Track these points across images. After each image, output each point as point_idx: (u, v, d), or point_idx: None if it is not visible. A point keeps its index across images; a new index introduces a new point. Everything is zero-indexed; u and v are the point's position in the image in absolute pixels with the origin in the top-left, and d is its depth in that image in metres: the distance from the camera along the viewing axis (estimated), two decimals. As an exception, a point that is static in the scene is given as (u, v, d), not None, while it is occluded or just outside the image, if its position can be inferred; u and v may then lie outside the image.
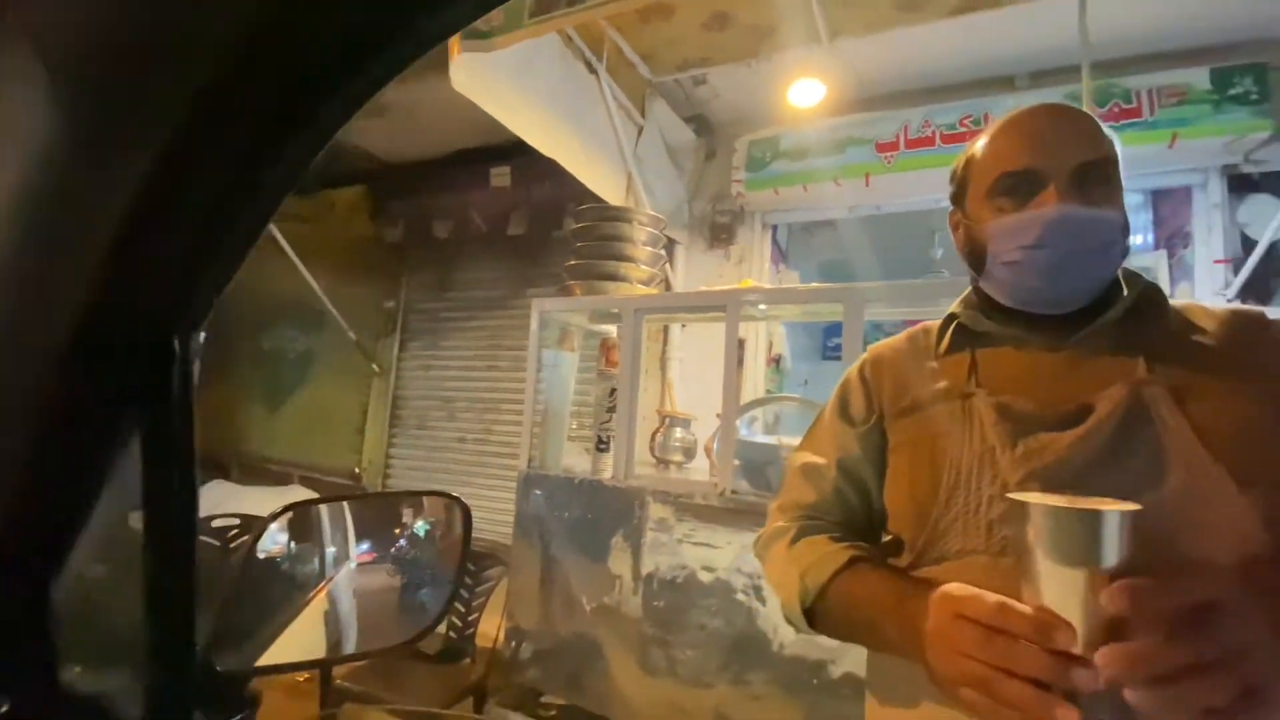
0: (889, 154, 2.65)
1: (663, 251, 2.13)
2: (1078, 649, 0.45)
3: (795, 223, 3.37)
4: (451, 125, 3.31)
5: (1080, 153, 0.68)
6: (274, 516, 0.61)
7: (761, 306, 1.81)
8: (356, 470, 4.03)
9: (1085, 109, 0.79)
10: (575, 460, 2.09)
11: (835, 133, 2.76)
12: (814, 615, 0.73)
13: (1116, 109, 2.31)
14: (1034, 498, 0.50)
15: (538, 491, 1.91)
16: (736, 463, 1.74)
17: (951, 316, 0.78)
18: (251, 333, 4.53)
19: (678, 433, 2.15)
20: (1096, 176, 0.68)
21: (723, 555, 1.65)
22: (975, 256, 0.76)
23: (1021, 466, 0.63)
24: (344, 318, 3.78)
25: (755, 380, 3.16)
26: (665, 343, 3.30)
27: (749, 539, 1.68)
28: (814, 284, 1.83)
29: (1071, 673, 0.45)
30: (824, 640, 1.48)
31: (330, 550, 0.69)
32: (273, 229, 3.16)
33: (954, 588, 0.54)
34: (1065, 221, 0.67)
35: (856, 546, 0.73)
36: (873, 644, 0.71)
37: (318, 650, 0.63)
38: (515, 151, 2.31)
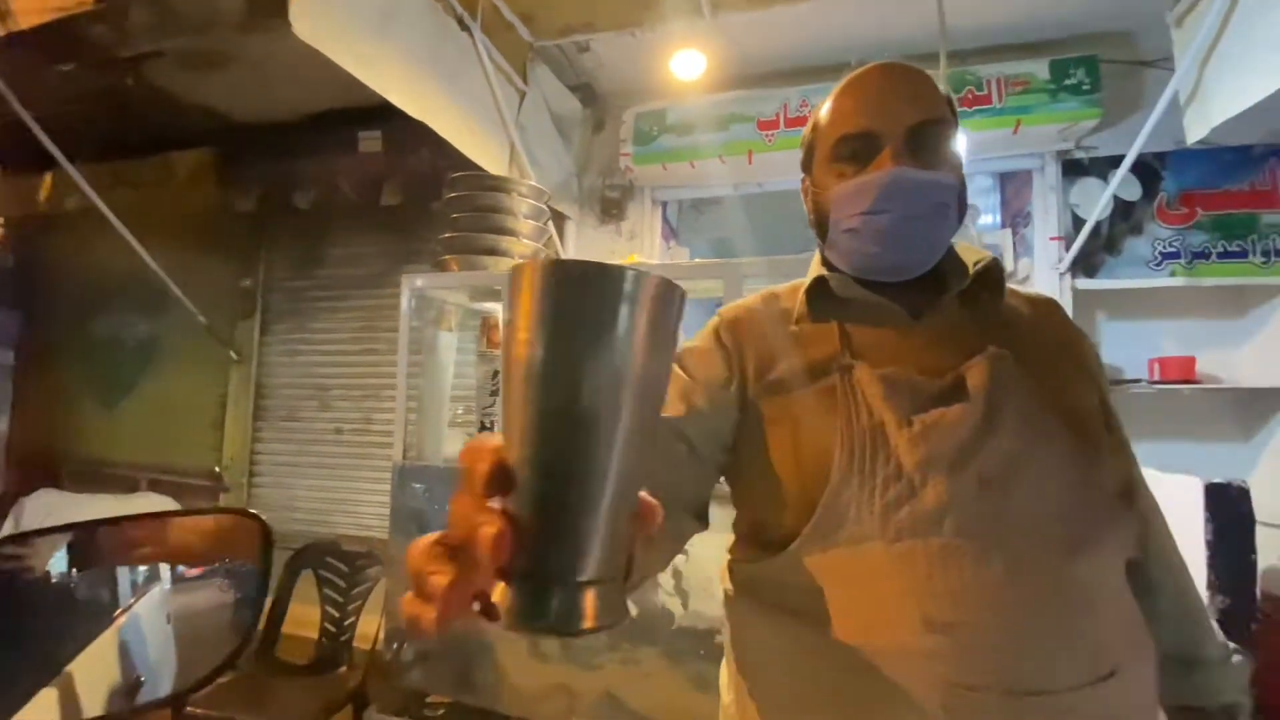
0: (770, 132, 2.69)
1: (548, 225, 2.04)
2: None
3: (685, 199, 3.37)
4: (310, 83, 2.97)
5: (914, 113, 0.67)
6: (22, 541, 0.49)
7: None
8: (217, 469, 3.62)
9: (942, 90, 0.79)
10: (458, 447, 1.98)
11: (719, 109, 2.77)
12: None
13: (970, 95, 2.48)
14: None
15: (416, 484, 1.79)
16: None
17: (821, 280, 0.73)
18: (79, 319, 3.91)
19: (571, 413, 2.09)
20: (930, 137, 0.67)
21: (612, 537, 1.63)
22: (821, 224, 0.75)
23: (920, 444, 0.60)
24: (191, 299, 3.34)
25: (648, 357, 3.16)
26: (556, 322, 3.21)
27: (638, 518, 1.67)
28: (687, 260, 1.82)
29: None
30: (710, 611, 1.50)
31: (116, 580, 0.57)
32: (92, 194, 2.71)
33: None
34: (899, 184, 0.66)
35: None
36: None
37: (95, 706, 0.51)
38: (386, 115, 2.10)
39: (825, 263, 0.77)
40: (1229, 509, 1.65)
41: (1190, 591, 0.73)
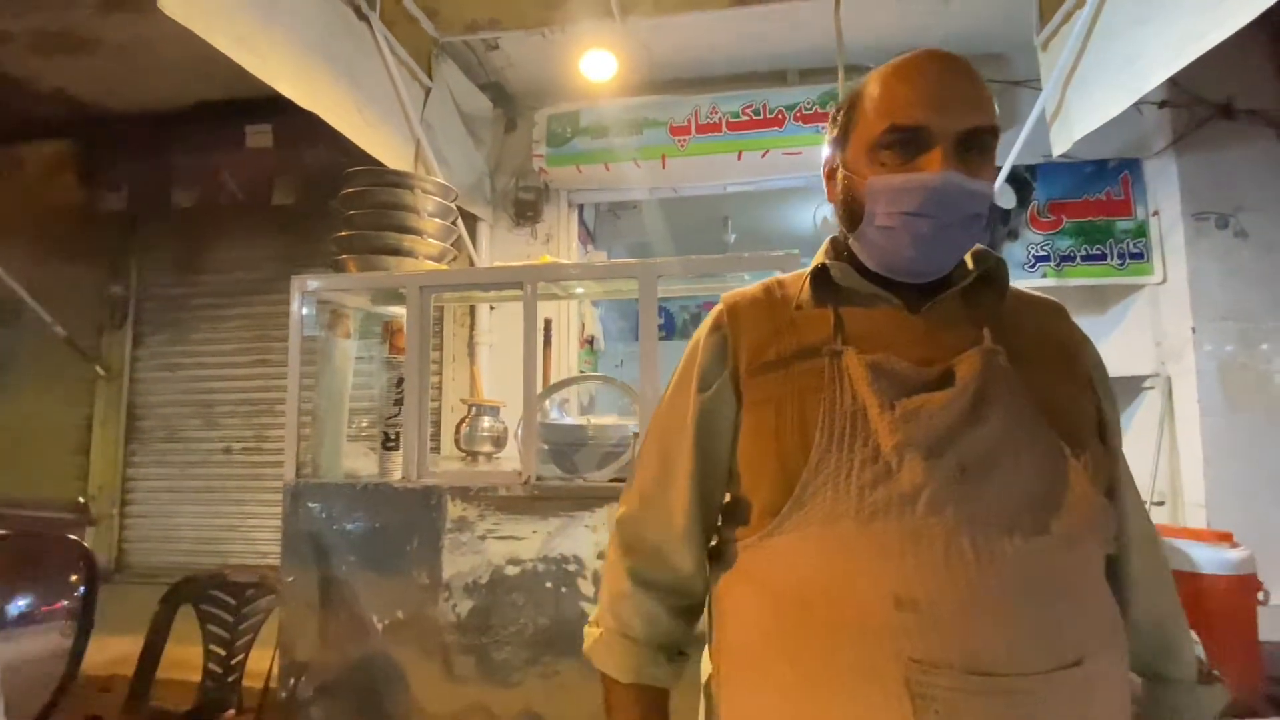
0: (682, 138, 2.73)
1: (456, 225, 1.95)
2: None
3: (602, 203, 3.36)
4: (189, 70, 2.72)
5: (970, 116, 0.65)
6: None
7: (563, 283, 1.74)
8: (82, 499, 3.22)
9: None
10: (360, 463, 1.84)
11: (633, 113, 2.78)
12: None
13: (868, 107, 2.62)
14: None
15: (312, 504, 1.65)
16: (545, 446, 1.66)
17: (822, 268, 0.74)
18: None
19: (486, 422, 2.00)
20: (979, 144, 0.66)
21: (528, 545, 1.57)
22: (851, 212, 0.71)
23: (900, 428, 0.61)
24: (48, 308, 2.96)
25: (568, 362, 3.11)
26: (473, 326, 3.10)
27: (555, 525, 1.61)
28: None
29: None
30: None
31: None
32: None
33: None
34: (947, 190, 0.64)
35: (655, 663, 0.77)
36: None
37: None
38: (278, 107, 1.93)
39: (833, 250, 0.77)
40: (1098, 486, 1.82)
41: (1173, 613, 0.73)
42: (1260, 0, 1.36)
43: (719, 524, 0.79)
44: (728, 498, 0.77)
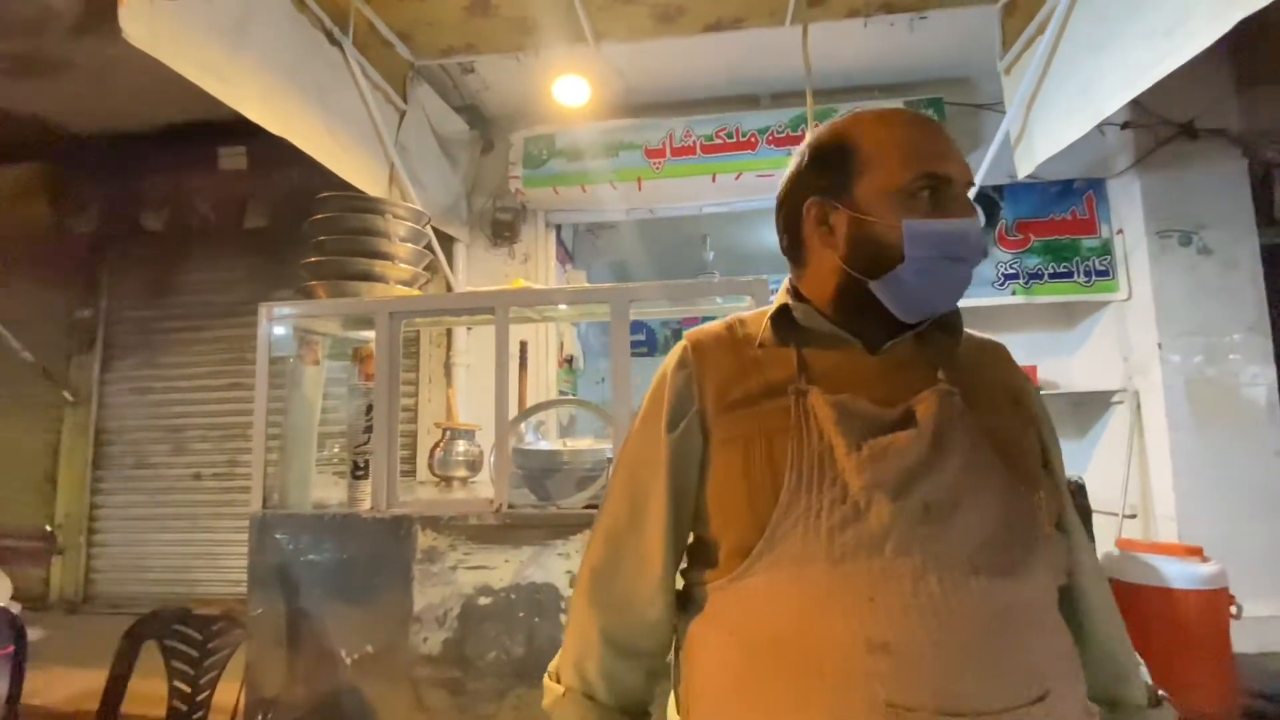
0: (657, 160, 2.76)
1: (428, 250, 1.94)
2: None
3: (580, 223, 3.37)
4: (161, 93, 2.70)
5: (967, 171, 0.70)
6: None
7: (537, 307, 1.73)
8: (49, 528, 3.13)
9: (810, 126, 0.81)
10: (330, 492, 1.81)
11: (608, 136, 2.80)
12: None
13: (838, 130, 2.67)
14: None
15: (279, 535, 1.61)
16: (519, 472, 1.65)
17: (785, 308, 0.75)
18: None
19: (460, 446, 1.98)
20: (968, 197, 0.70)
21: (500, 575, 1.54)
22: (874, 255, 0.69)
23: (867, 468, 0.62)
24: (13, 333, 2.90)
25: (546, 383, 3.10)
26: (449, 347, 3.08)
27: (528, 553, 1.59)
28: (583, 284, 1.80)
29: None
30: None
31: None
32: None
33: None
34: (979, 233, 0.68)
35: None
36: None
37: None
38: (252, 129, 1.92)
39: (793, 291, 0.77)
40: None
41: (1120, 638, 0.75)
42: (1209, 32, 1.41)
43: (683, 567, 0.77)
44: (692, 538, 0.76)
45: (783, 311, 0.75)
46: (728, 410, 0.71)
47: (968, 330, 0.76)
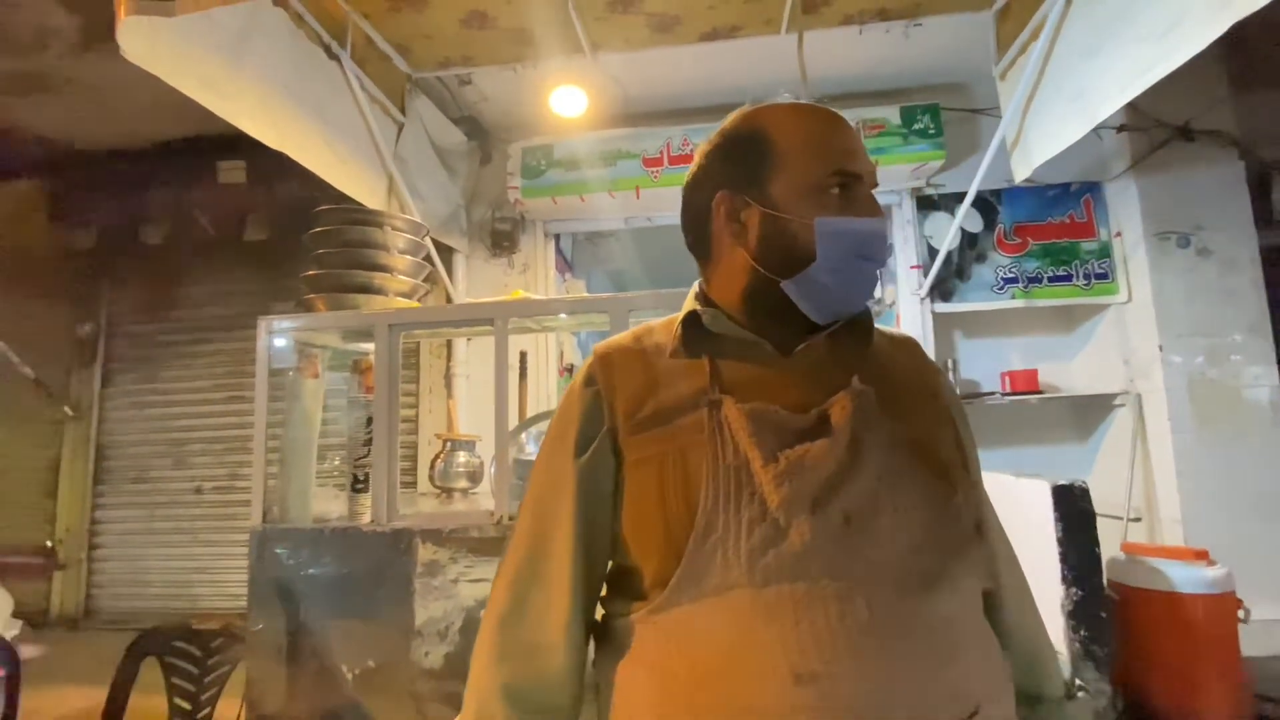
0: (655, 169, 2.77)
1: (427, 262, 1.94)
2: None
3: (579, 232, 3.38)
4: (161, 108, 2.72)
5: (874, 169, 0.69)
6: None
7: (536, 318, 1.73)
8: (49, 543, 3.13)
9: None
10: (330, 505, 1.81)
11: (606, 145, 2.81)
12: None
13: (835, 136, 2.68)
14: None
15: (279, 549, 1.61)
16: (519, 482, 1.64)
17: (694, 315, 0.71)
18: None
19: (461, 457, 1.97)
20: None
21: (502, 588, 1.54)
22: (786, 253, 0.66)
23: (785, 482, 0.59)
24: (14, 348, 2.90)
25: (547, 391, 3.09)
26: (450, 358, 3.08)
27: (530, 565, 1.59)
28: (582, 294, 1.80)
29: None
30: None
31: None
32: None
33: None
34: (885, 235, 0.68)
35: None
36: None
37: None
38: (251, 143, 1.93)
39: (701, 295, 0.74)
40: (1073, 507, 1.82)
41: (1041, 634, 0.76)
42: (1203, 36, 1.41)
43: (604, 596, 0.73)
44: (612, 565, 0.72)
45: (691, 318, 0.71)
46: (639, 429, 0.67)
47: (878, 326, 0.75)
